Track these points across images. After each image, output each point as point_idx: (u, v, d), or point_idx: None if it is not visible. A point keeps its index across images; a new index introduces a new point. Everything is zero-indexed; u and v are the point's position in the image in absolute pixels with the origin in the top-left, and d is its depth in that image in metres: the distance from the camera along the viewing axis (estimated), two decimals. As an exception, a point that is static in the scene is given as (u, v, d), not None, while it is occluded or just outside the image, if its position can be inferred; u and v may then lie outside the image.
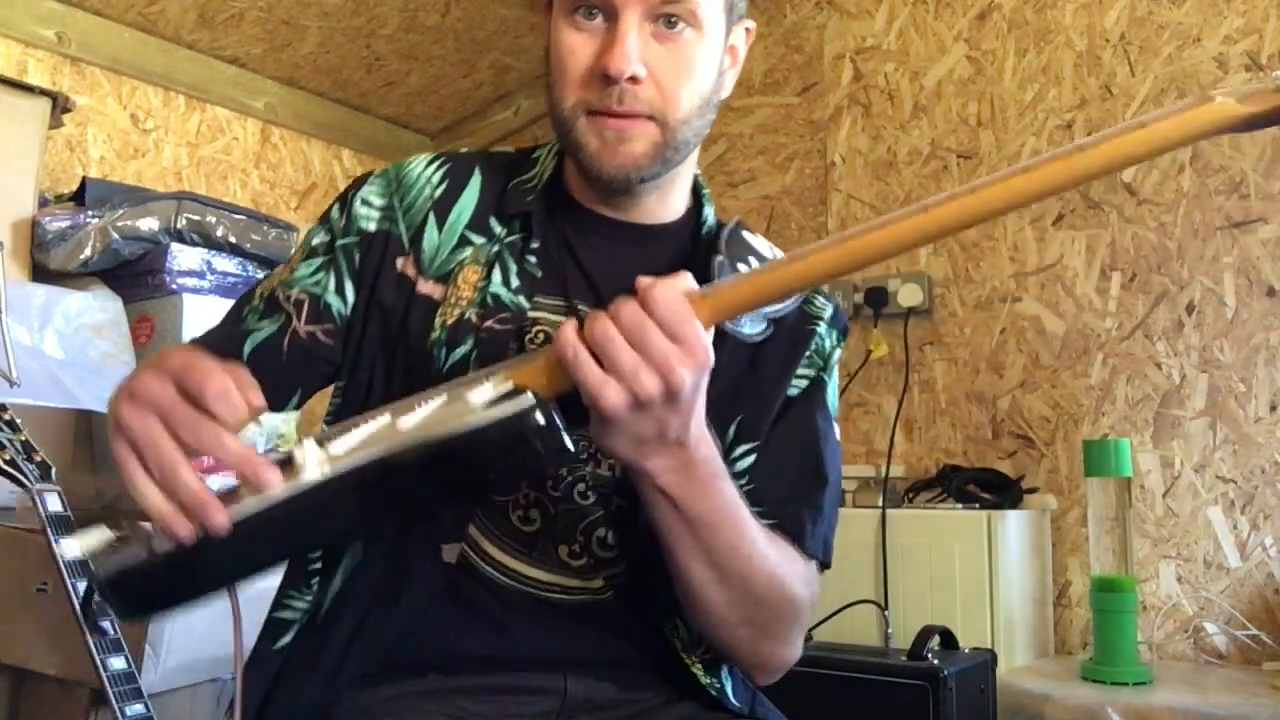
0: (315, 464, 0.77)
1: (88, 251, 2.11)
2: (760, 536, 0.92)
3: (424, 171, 1.07)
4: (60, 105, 2.19)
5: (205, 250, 2.19)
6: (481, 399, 0.77)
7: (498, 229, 1.04)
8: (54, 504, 1.63)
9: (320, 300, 1.03)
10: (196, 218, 2.19)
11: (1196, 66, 2.33)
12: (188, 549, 0.74)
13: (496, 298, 0.99)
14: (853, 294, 2.67)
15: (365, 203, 1.06)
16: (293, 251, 1.27)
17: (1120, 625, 1.99)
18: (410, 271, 1.03)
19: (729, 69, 1.04)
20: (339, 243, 1.05)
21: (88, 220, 2.12)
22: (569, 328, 0.77)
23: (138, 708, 1.43)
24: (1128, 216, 2.38)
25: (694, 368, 0.76)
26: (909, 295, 2.58)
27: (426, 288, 1.02)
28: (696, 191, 1.11)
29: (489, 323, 0.98)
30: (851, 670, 1.83)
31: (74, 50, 2.48)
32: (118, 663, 1.51)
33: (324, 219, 1.08)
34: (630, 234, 1.05)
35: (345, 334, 1.04)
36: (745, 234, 1.07)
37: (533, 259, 1.02)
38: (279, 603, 1.02)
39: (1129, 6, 2.41)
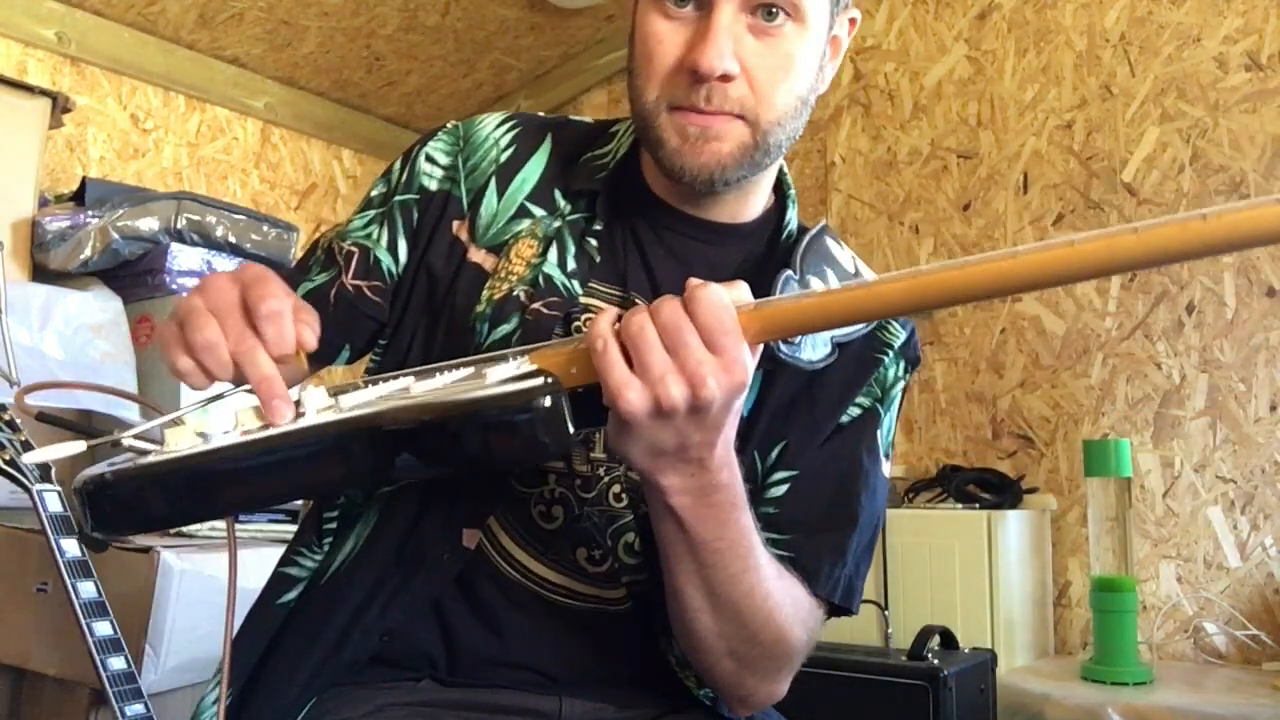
0: (315, 410, 0.75)
1: (88, 251, 2.11)
2: (769, 572, 0.86)
3: (492, 133, 1.01)
4: (60, 105, 2.19)
5: (205, 250, 2.19)
6: (498, 376, 0.73)
7: (562, 204, 0.98)
8: (54, 504, 1.63)
9: (370, 254, 0.99)
10: (196, 218, 2.19)
11: (1196, 66, 2.33)
12: (175, 467, 0.73)
13: (549, 279, 0.93)
14: (853, 294, 2.67)
15: (430, 159, 1.01)
16: (293, 251, 1.25)
17: (1120, 625, 1.99)
18: (464, 236, 0.98)
19: (829, 62, 0.95)
20: (397, 198, 1.01)
21: (88, 220, 2.12)
22: (605, 319, 0.72)
23: (138, 708, 1.42)
24: (1128, 216, 2.38)
25: (728, 385, 0.70)
26: (909, 295, 2.57)
27: (478, 256, 0.97)
28: (781, 190, 1.03)
29: (537, 304, 0.92)
30: (851, 670, 1.83)
31: (74, 50, 2.48)
32: (118, 663, 1.51)
33: (386, 172, 1.04)
34: (702, 231, 0.97)
35: (394, 292, 1.00)
36: (829, 242, 0.98)
37: (593, 241, 0.96)
38: (288, 558, 0.98)
39: (1129, 6, 2.41)
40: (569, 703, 0.94)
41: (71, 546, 1.60)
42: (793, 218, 1.01)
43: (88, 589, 1.55)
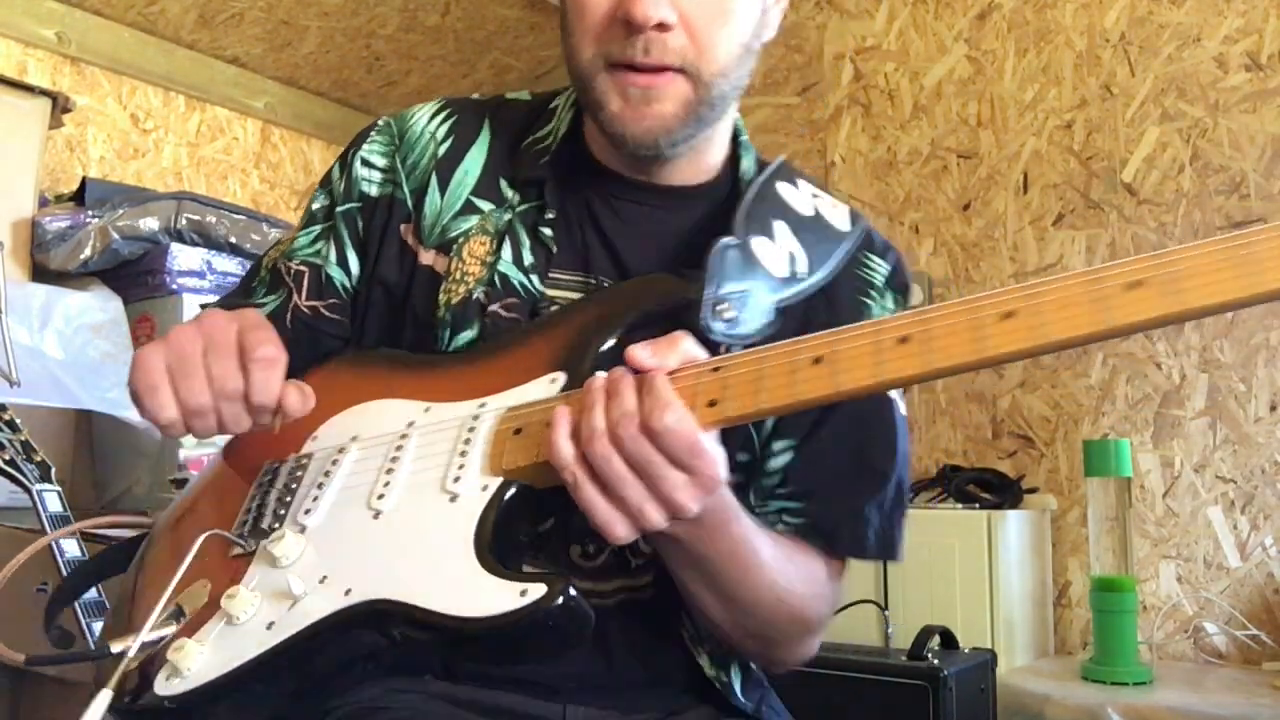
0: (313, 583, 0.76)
1: (88, 251, 2.11)
2: (775, 564, 0.84)
3: (427, 125, 0.97)
4: (60, 105, 2.19)
5: (205, 250, 2.19)
6: (469, 491, 0.74)
7: (509, 194, 0.94)
8: (54, 504, 1.63)
9: (321, 272, 0.96)
10: (196, 218, 2.19)
11: (1196, 66, 2.33)
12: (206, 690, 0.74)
13: (505, 278, 0.90)
14: (853, 294, 2.67)
15: (366, 163, 0.97)
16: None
17: (1120, 625, 1.99)
18: (411, 240, 0.94)
19: (773, 5, 0.91)
20: (339, 209, 0.97)
21: (88, 220, 2.12)
22: (564, 441, 0.71)
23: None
24: (1128, 216, 2.38)
25: (705, 494, 0.70)
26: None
27: (428, 258, 0.93)
28: (735, 139, 0.98)
29: (495, 306, 0.89)
30: (851, 670, 1.83)
31: (74, 50, 2.48)
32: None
33: (324, 181, 1.00)
34: (658, 197, 0.93)
35: (354, 303, 0.97)
36: (780, 186, 0.93)
37: (547, 231, 0.92)
38: None
39: (1129, 6, 2.41)
40: (572, 709, 0.91)
41: (71, 546, 1.60)
42: (749, 168, 0.97)
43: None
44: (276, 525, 0.81)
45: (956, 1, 2.64)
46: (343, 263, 0.97)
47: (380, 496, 0.79)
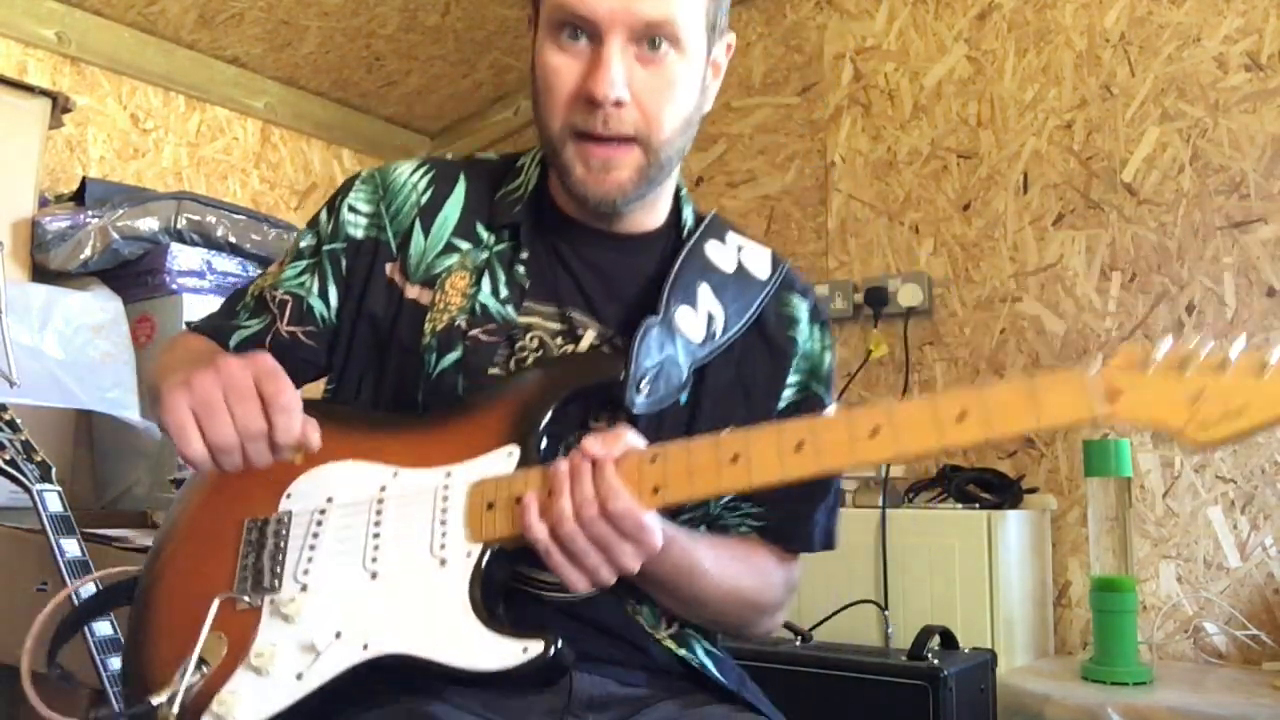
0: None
1: (88, 251, 2.11)
2: (722, 566, 1.01)
3: (409, 178, 1.10)
4: (60, 105, 2.19)
5: (205, 250, 2.19)
6: (455, 557, 0.90)
7: (486, 236, 1.07)
8: (54, 504, 1.63)
9: (304, 302, 1.08)
10: (196, 218, 2.19)
11: (1196, 66, 2.33)
12: None
13: (484, 307, 1.03)
14: (853, 294, 2.67)
15: (353, 209, 1.10)
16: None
17: (1120, 625, 1.99)
18: (398, 277, 1.07)
19: (711, 82, 1.07)
20: (325, 248, 1.09)
21: (88, 220, 2.12)
22: (535, 520, 0.86)
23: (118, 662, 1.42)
24: (1128, 216, 2.38)
25: (646, 555, 0.87)
26: (909, 295, 2.58)
27: (414, 292, 1.06)
28: (676, 192, 1.14)
29: (475, 331, 1.02)
30: (851, 670, 1.83)
31: (74, 50, 2.48)
32: (118, 663, 1.51)
33: (312, 223, 1.12)
34: (616, 244, 1.08)
35: (332, 336, 1.09)
36: (709, 246, 1.09)
37: (521, 269, 1.05)
38: None
39: (1129, 6, 2.41)
40: (579, 677, 0.99)
41: (71, 546, 1.60)
42: (688, 215, 1.13)
43: (88, 589, 1.55)
44: (277, 583, 0.94)
45: (956, 1, 2.64)
46: (324, 295, 1.09)
47: (374, 559, 0.92)
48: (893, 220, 2.69)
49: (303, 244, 1.11)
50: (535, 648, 0.86)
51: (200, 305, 2.11)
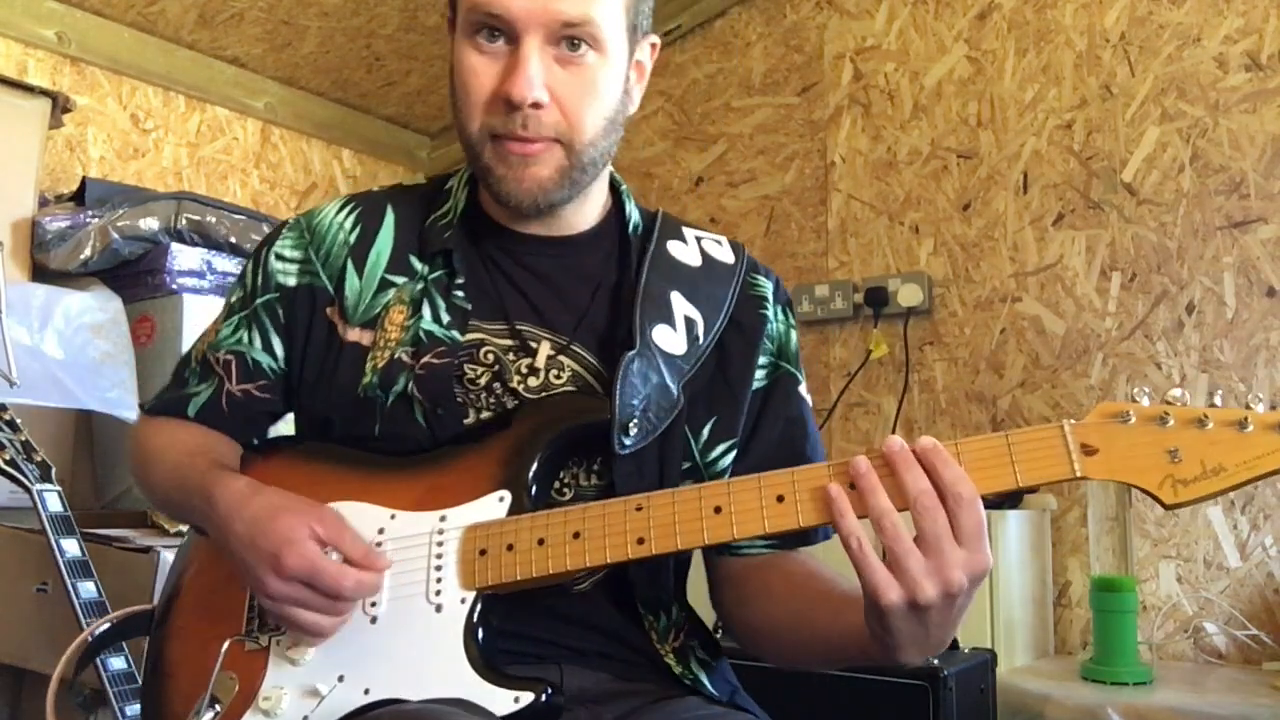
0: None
1: (88, 251, 2.11)
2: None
3: (335, 218, 1.09)
4: (60, 105, 2.19)
5: (205, 250, 2.19)
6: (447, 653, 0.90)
7: (419, 267, 1.05)
8: (54, 504, 1.63)
9: (247, 358, 1.08)
10: (196, 218, 2.19)
11: (1196, 66, 2.33)
12: None
13: (430, 334, 1.02)
14: (853, 294, 2.67)
15: (280, 257, 1.08)
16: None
17: (1120, 625, 1.99)
18: (338, 321, 1.05)
19: (635, 84, 1.06)
20: (258, 300, 1.08)
21: (88, 220, 2.12)
22: (850, 518, 0.80)
23: (138, 708, 1.43)
24: (1128, 216, 2.38)
25: (976, 577, 0.78)
26: (909, 295, 2.58)
27: (354, 335, 1.04)
28: (615, 189, 1.12)
29: (427, 358, 1.00)
30: (851, 670, 1.83)
31: (74, 50, 2.48)
32: (118, 663, 1.51)
33: (240, 277, 1.11)
34: (552, 246, 1.06)
35: (286, 382, 1.08)
36: (671, 246, 1.07)
37: (460, 294, 1.03)
38: None
39: (1129, 6, 2.41)
40: (570, 672, 0.98)
41: (71, 546, 1.60)
42: (632, 212, 1.11)
43: (88, 589, 1.56)
44: (281, 625, 0.95)
45: (956, 1, 2.64)
46: (268, 348, 1.08)
47: (374, 603, 0.93)
48: (893, 220, 2.69)
49: (233, 299, 1.11)
50: (526, 698, 0.87)
51: (200, 305, 2.11)
